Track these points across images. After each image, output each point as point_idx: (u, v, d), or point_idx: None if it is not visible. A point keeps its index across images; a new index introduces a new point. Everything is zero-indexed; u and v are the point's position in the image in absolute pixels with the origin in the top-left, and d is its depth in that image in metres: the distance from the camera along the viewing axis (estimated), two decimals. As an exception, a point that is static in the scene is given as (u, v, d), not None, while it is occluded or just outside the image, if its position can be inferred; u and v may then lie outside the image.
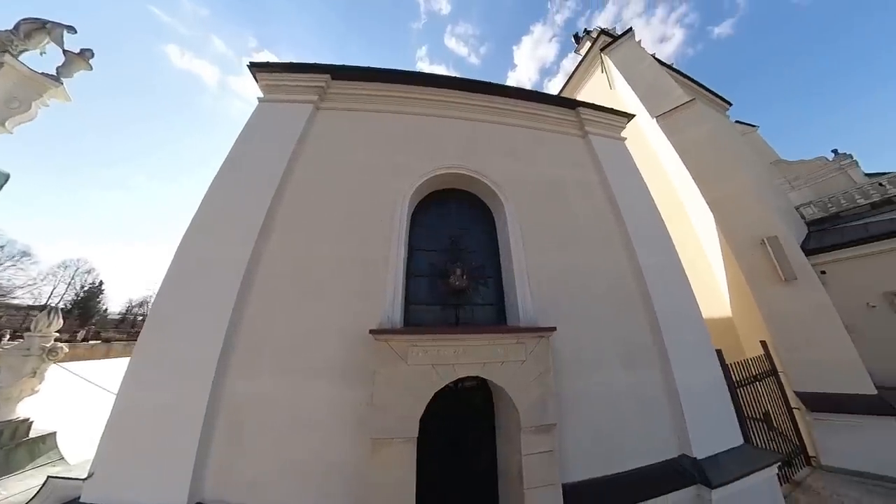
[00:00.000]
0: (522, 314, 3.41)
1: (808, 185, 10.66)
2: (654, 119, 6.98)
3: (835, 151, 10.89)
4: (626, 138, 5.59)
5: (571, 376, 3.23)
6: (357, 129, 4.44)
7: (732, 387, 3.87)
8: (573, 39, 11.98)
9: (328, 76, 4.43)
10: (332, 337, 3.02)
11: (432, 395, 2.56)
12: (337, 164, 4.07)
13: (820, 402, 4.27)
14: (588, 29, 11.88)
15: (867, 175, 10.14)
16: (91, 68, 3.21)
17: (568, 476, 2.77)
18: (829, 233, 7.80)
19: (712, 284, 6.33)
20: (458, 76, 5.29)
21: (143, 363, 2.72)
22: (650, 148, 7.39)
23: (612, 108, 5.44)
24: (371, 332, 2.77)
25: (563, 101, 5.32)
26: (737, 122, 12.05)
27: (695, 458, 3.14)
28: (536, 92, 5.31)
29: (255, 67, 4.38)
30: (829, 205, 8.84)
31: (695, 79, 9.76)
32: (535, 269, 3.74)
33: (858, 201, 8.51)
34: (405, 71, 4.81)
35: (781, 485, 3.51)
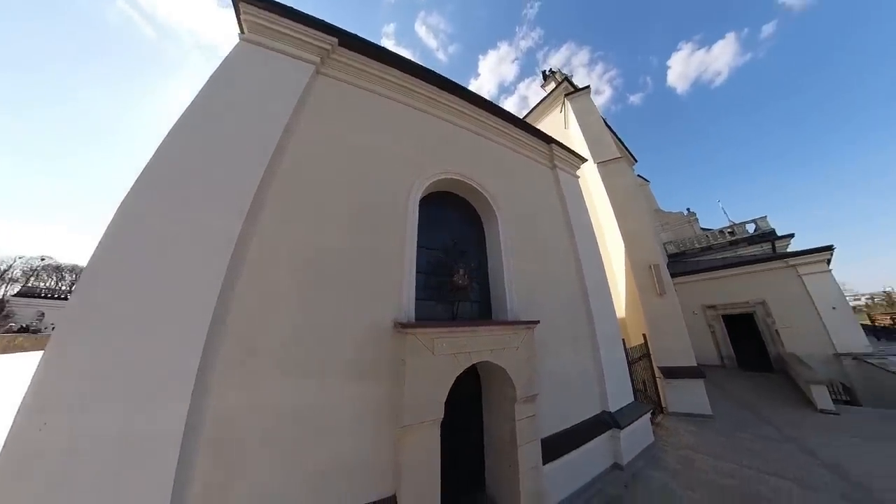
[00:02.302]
0: (509, 310, 4.11)
1: (671, 230, 15.25)
2: (596, 164, 9.08)
3: (688, 209, 15.92)
4: (580, 177, 7.21)
5: (542, 358, 4.05)
6: (362, 109, 4.07)
7: (629, 364, 5.73)
8: (542, 76, 13.96)
9: (335, 40, 3.90)
10: (344, 333, 2.83)
11: (454, 379, 2.94)
12: (341, 141, 3.67)
13: (669, 373, 6.61)
14: (553, 70, 13.96)
15: (703, 229, 15.20)
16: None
17: (540, 433, 3.57)
18: (678, 264, 11.52)
19: (615, 293, 8.71)
20: (468, 88, 5.28)
21: (63, 375, 1.84)
22: (588, 186, 9.54)
23: (574, 151, 6.88)
24: (400, 325, 2.92)
25: (542, 135, 6.23)
26: (638, 175, 16.17)
27: (610, 412, 4.52)
28: (525, 121, 6.03)
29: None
30: (681, 246, 12.96)
31: (620, 138, 12.80)
32: (518, 273, 4.48)
33: (695, 245, 12.74)
34: (417, 63, 4.58)
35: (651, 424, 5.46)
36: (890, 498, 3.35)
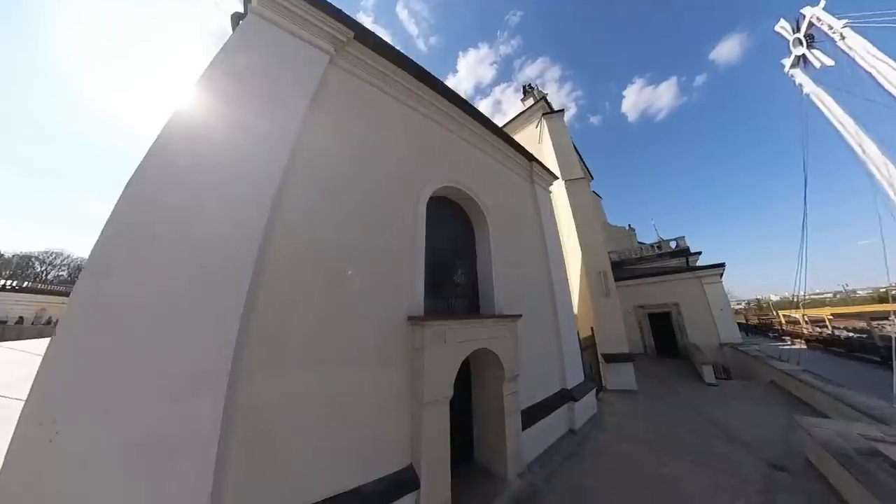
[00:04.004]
0: (496, 305, 4.82)
1: (615, 241, 17.89)
2: (564, 181, 10.46)
3: (629, 225, 18.88)
4: (552, 192, 8.36)
5: (521, 345, 4.75)
6: (374, 107, 4.08)
7: (581, 351, 7.02)
8: (522, 91, 15.19)
9: (352, 33, 3.78)
10: (363, 326, 3.02)
11: (460, 363, 3.50)
12: (354, 138, 3.67)
13: (608, 358, 8.16)
14: (532, 86, 15.22)
15: (639, 243, 18.14)
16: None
17: (520, 406, 4.34)
18: (619, 271, 13.72)
19: (571, 293, 10.24)
20: (466, 99, 5.57)
21: (76, 377, 1.64)
22: (554, 199, 10.92)
23: (549, 170, 7.99)
24: (418, 319, 3.35)
25: (526, 153, 7.04)
26: (593, 191, 18.52)
27: (568, 389, 5.60)
28: (513, 139, 6.71)
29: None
30: (622, 255, 15.36)
31: (581, 156, 14.61)
32: (503, 274, 5.20)
33: (632, 256, 15.22)
34: (425, 70, 4.66)
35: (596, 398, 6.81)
36: (740, 434, 4.96)
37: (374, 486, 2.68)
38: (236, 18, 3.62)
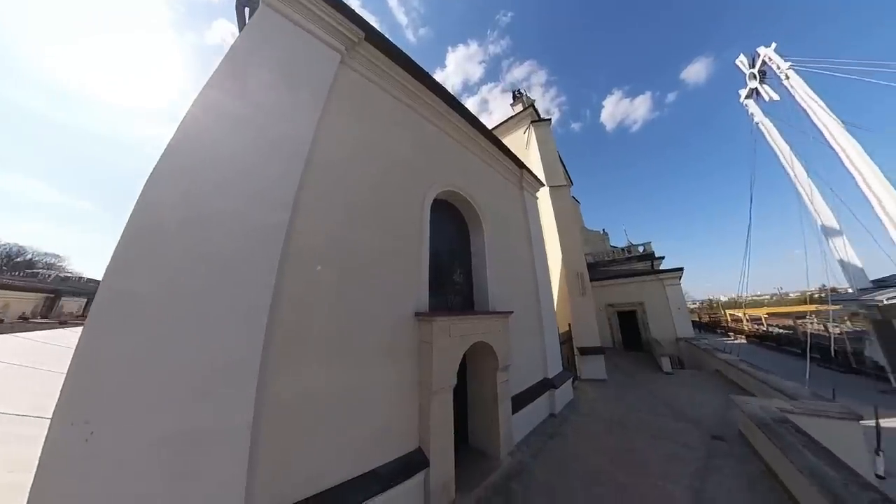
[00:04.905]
0: (490, 302, 5.27)
1: (590, 244, 19.18)
2: (548, 187, 11.16)
3: (603, 230, 20.30)
4: (538, 198, 8.96)
5: (511, 338, 5.24)
6: (382, 110, 4.14)
7: (560, 344, 7.73)
8: (512, 96, 15.74)
9: (363, 34, 3.79)
10: (375, 322, 3.22)
11: (462, 355, 3.88)
12: (364, 140, 3.74)
13: (583, 351, 9.01)
14: (522, 92, 15.79)
15: (611, 246, 19.59)
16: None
17: (510, 393, 4.82)
18: (593, 272, 14.83)
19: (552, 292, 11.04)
20: (467, 107, 5.67)
21: (107, 377, 1.67)
22: (538, 203, 11.61)
23: (537, 177, 8.57)
24: (426, 315, 3.66)
25: (517, 161, 7.50)
26: (572, 196, 19.63)
27: (549, 378, 6.26)
28: (507, 147, 7.14)
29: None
30: (596, 258, 16.55)
31: (563, 162, 15.46)
32: (496, 274, 5.63)
33: (605, 258, 16.45)
34: (431, 76, 4.77)
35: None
36: (689, 413, 5.87)
37: (388, 467, 2.96)
38: (241, 5, 3.67)
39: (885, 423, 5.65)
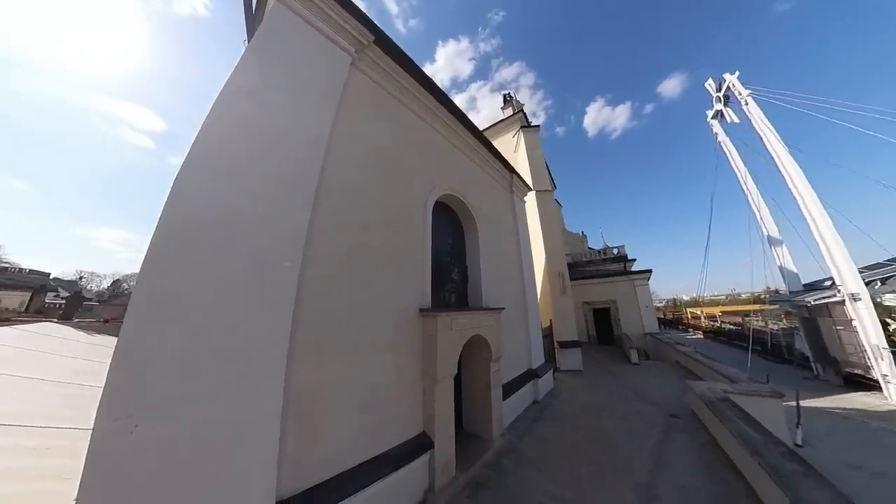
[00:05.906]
0: (484, 300, 5.69)
1: (570, 246, 20.29)
2: (534, 192, 11.80)
3: (582, 232, 21.54)
4: (526, 202, 9.51)
5: (502, 332, 5.76)
6: (386, 112, 4.24)
7: (543, 338, 8.40)
8: (503, 99, 16.24)
9: (372, 37, 3.84)
10: (384, 317, 3.45)
11: (461, 347, 4.27)
12: (372, 141, 3.84)
13: (562, 344, 9.79)
14: (512, 95, 16.32)
15: (589, 248, 20.83)
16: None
17: (501, 382, 5.30)
18: (572, 272, 15.82)
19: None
20: (466, 115, 5.90)
21: (147, 372, 1.77)
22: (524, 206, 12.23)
23: (526, 182, 9.12)
24: (430, 311, 3.98)
25: (508, 166, 7.96)
26: (555, 199, 20.61)
27: (533, 368, 6.86)
28: (500, 153, 7.52)
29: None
30: (575, 258, 17.60)
31: (548, 166, 16.24)
32: (488, 273, 6.07)
33: (583, 259, 17.54)
34: (435, 83, 4.92)
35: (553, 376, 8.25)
36: (652, 397, 6.72)
37: (397, 449, 3.23)
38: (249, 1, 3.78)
39: (805, 403, 6.81)
